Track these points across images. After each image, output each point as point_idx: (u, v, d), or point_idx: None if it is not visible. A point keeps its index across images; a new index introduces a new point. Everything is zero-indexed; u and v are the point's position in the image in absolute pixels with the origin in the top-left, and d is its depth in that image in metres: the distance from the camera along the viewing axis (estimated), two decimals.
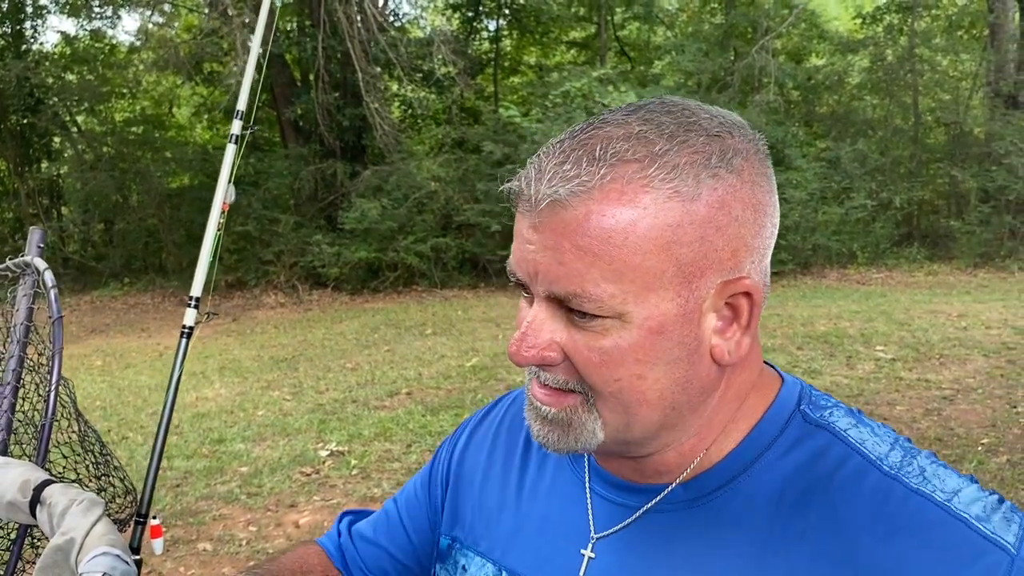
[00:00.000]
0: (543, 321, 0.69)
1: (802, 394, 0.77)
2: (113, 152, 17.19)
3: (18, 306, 1.40)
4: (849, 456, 0.71)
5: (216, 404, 6.70)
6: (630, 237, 0.64)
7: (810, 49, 18.46)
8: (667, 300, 0.66)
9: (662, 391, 0.69)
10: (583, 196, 0.64)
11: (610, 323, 0.66)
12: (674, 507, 0.76)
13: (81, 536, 1.05)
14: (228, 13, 13.00)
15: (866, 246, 14.10)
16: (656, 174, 0.64)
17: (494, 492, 0.92)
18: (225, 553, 3.96)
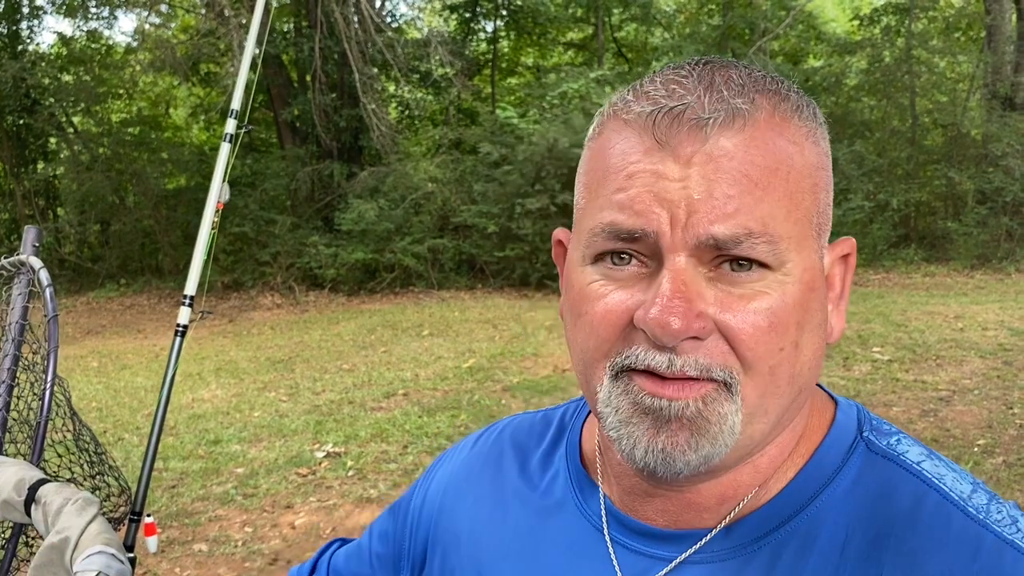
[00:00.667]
0: (693, 281, 0.56)
1: (861, 417, 0.67)
2: (109, 153, 17.16)
3: (13, 305, 1.39)
4: (926, 494, 0.60)
5: (212, 405, 6.68)
6: (798, 172, 0.57)
7: (808, 51, 18.51)
8: (813, 252, 0.58)
9: (808, 363, 0.59)
10: (760, 119, 0.56)
11: (770, 279, 0.56)
12: (718, 555, 0.63)
13: (76, 535, 1.05)
14: (225, 14, 12.99)
15: (863, 247, 14.11)
16: (800, 110, 0.59)
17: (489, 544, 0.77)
18: (221, 554, 3.95)
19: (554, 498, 0.74)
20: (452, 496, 0.83)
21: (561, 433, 0.79)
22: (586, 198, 0.61)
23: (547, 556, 0.72)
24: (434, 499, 0.85)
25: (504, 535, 0.76)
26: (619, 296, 0.57)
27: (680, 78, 0.58)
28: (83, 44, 18.41)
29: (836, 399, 0.69)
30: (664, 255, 0.55)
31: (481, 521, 0.78)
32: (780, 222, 0.55)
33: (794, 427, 0.64)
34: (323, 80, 13.77)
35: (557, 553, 0.71)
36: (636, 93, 0.60)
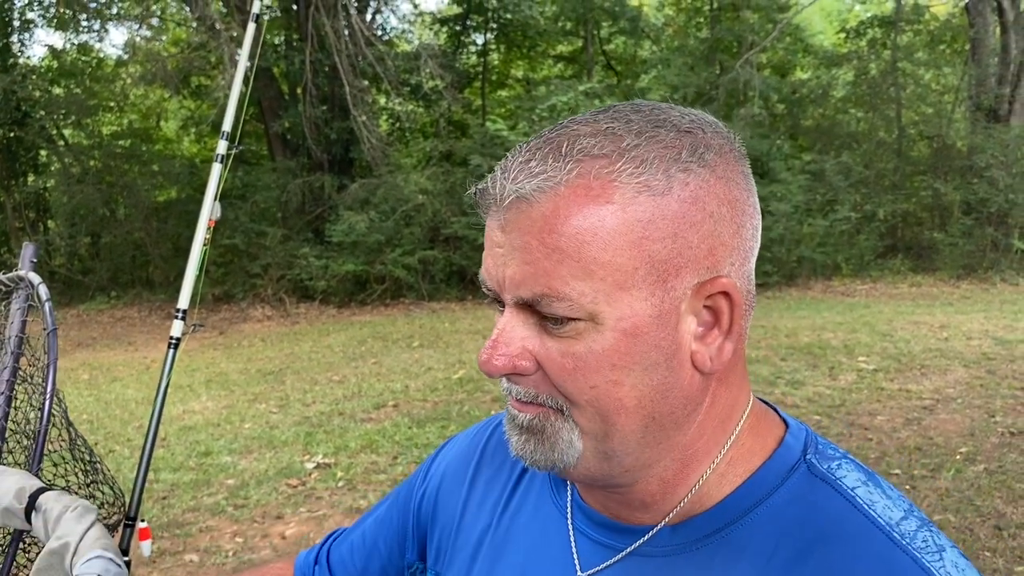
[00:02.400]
0: (514, 328, 0.65)
1: (808, 442, 0.72)
2: (100, 166, 17.16)
3: (12, 319, 1.44)
4: (854, 516, 0.65)
5: (203, 417, 6.71)
6: (599, 233, 0.61)
7: (795, 63, 18.68)
8: (641, 300, 0.63)
9: (640, 398, 0.64)
10: (549, 192, 0.62)
11: (583, 326, 0.63)
12: (660, 551, 0.70)
13: (76, 540, 1.10)
14: (216, 27, 13.06)
15: (850, 258, 14.25)
16: (624, 168, 0.62)
17: (476, 526, 0.87)
18: (211, 564, 3.98)
19: (536, 490, 0.83)
20: (450, 481, 0.92)
21: None
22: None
23: (523, 542, 0.80)
24: (435, 482, 0.94)
25: (494, 520, 0.84)
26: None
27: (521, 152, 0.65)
28: (74, 57, 18.44)
29: (788, 423, 0.74)
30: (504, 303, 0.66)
31: (473, 505, 0.88)
32: (578, 282, 0.61)
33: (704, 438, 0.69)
34: (314, 93, 13.83)
35: (532, 540, 0.79)
36: (500, 164, 0.68)
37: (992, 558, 3.77)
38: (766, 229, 13.32)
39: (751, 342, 8.57)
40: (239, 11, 13.92)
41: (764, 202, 13.84)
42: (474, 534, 0.86)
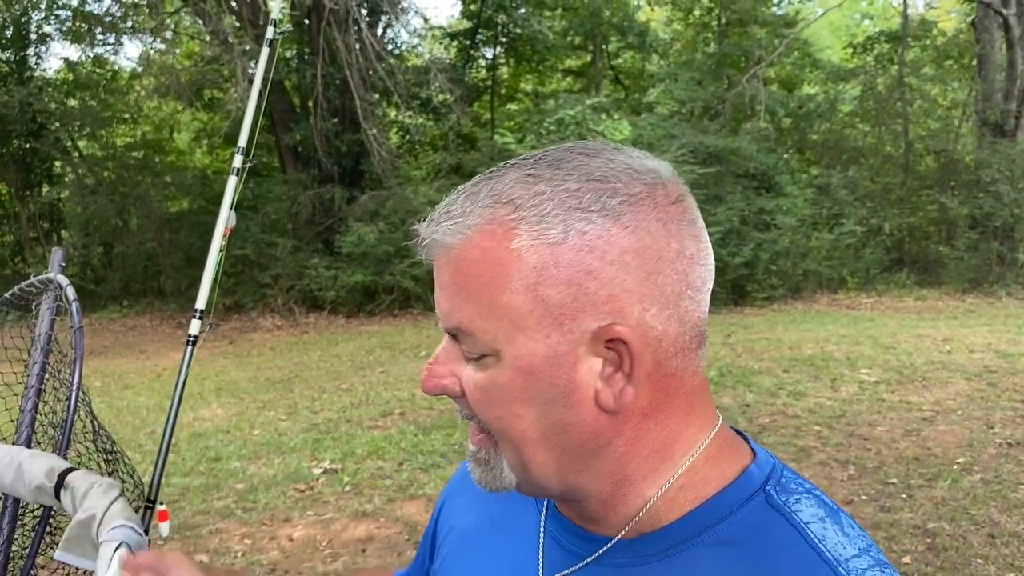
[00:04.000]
0: (447, 353, 0.71)
1: (772, 474, 0.72)
2: (113, 176, 17.40)
3: (42, 318, 1.56)
4: (802, 549, 0.66)
5: (213, 424, 6.83)
6: (497, 277, 0.65)
7: (802, 78, 18.80)
8: (536, 341, 0.65)
9: (543, 432, 0.68)
10: (460, 236, 0.66)
11: (490, 360, 0.67)
12: (618, 562, 0.72)
13: (101, 512, 1.21)
14: (228, 40, 13.27)
15: (856, 272, 14.30)
16: (526, 216, 0.64)
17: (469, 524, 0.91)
18: (221, 564, 4.09)
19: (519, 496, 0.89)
20: (451, 497, 0.98)
21: None
22: None
23: (503, 541, 0.85)
24: (441, 502, 1.00)
25: (479, 522, 0.89)
26: None
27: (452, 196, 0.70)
28: (89, 70, 18.71)
29: (757, 454, 0.74)
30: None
31: (467, 511, 0.93)
32: (482, 320, 0.66)
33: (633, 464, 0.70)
34: (325, 106, 14.02)
35: (512, 540, 0.83)
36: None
37: (984, 565, 3.84)
38: (772, 242, 13.40)
39: (755, 353, 8.65)
40: (252, 25, 14.14)
41: (770, 215, 13.93)
42: (460, 531, 0.92)
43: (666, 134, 14.64)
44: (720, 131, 15.27)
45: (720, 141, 14.73)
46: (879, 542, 4.04)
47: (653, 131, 14.76)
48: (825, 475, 5.04)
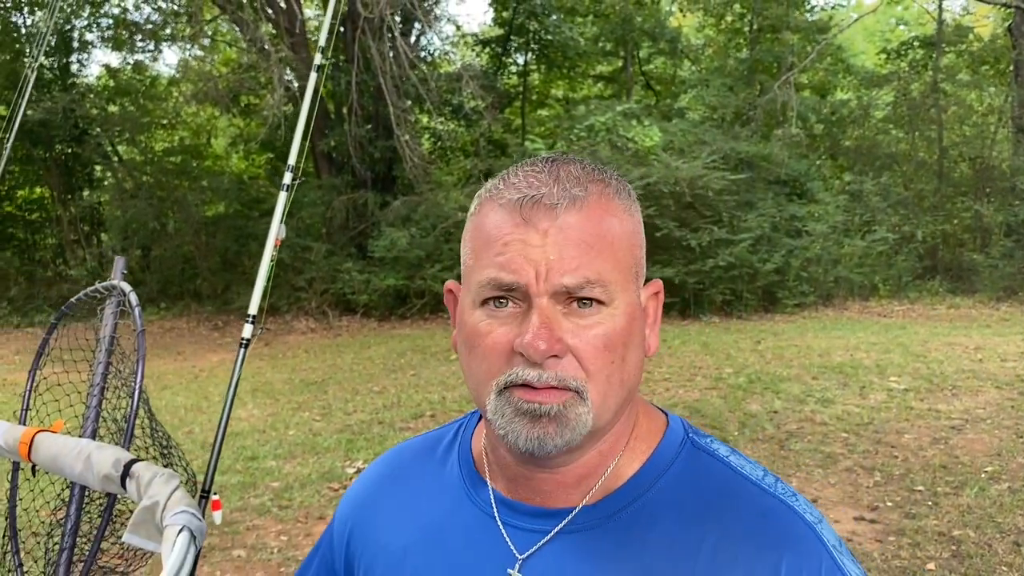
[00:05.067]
0: (555, 315, 0.74)
1: (686, 426, 0.88)
2: (152, 181, 17.75)
3: (106, 321, 1.70)
4: (731, 477, 0.82)
5: (249, 424, 7.01)
6: (620, 238, 0.77)
7: (835, 83, 18.70)
8: (633, 292, 0.78)
9: (633, 372, 0.79)
10: (591, 201, 0.76)
11: (604, 312, 0.75)
12: (583, 526, 0.81)
13: (164, 499, 1.34)
14: (265, 48, 13.53)
15: (888, 279, 14.22)
16: (613, 194, 0.78)
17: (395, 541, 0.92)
18: (258, 560, 4.23)
19: (450, 496, 0.91)
20: (361, 518, 0.97)
21: (452, 443, 0.96)
22: (473, 259, 0.80)
23: (450, 544, 0.87)
24: (342, 529, 1.00)
25: (414, 534, 0.91)
26: (501, 331, 0.76)
27: (536, 173, 0.78)
28: (129, 76, 19.12)
29: (666, 413, 0.89)
30: (532, 299, 0.74)
31: (393, 528, 0.93)
32: (608, 272, 0.75)
33: (626, 422, 0.83)
34: (359, 113, 14.23)
35: (458, 540, 0.87)
36: (505, 183, 0.79)
37: (1009, 572, 3.87)
38: (803, 249, 13.38)
39: (783, 360, 8.68)
40: (288, 33, 14.40)
41: (801, 222, 13.90)
42: (396, 551, 0.91)
43: (697, 140, 14.66)
44: (751, 137, 15.27)
45: (751, 147, 14.73)
46: (903, 548, 4.10)
47: (684, 137, 14.80)
48: (851, 481, 5.08)
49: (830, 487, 4.99)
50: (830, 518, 4.49)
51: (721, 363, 8.67)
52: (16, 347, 12.66)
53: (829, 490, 4.94)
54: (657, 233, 13.00)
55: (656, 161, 13.32)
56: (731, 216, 13.40)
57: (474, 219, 0.82)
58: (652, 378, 8.08)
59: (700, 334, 11.05)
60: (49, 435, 1.58)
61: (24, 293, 16.40)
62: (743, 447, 5.79)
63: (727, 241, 12.94)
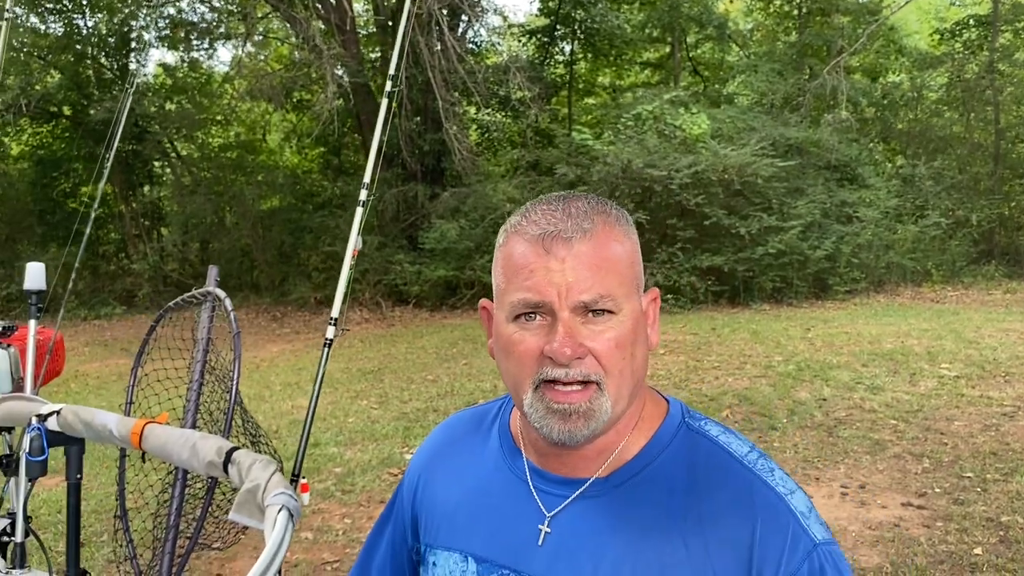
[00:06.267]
0: (575, 325, 0.92)
1: (684, 411, 1.05)
2: (209, 176, 18.22)
3: (202, 324, 1.90)
4: (719, 454, 0.99)
5: None
6: (622, 258, 0.95)
7: (887, 65, 18.39)
8: (635, 300, 0.96)
9: (640, 365, 0.97)
10: (597, 231, 0.94)
11: (614, 320, 0.92)
12: (600, 492, 1.00)
13: (264, 482, 1.52)
14: (317, 45, 13.81)
15: (941, 264, 14.03)
16: (615, 222, 0.96)
17: (449, 497, 1.13)
18: (324, 541, 4.47)
19: (493, 463, 1.11)
20: (425, 476, 1.19)
21: (495, 420, 1.17)
22: (504, 283, 0.97)
23: (492, 502, 1.07)
24: (411, 484, 1.21)
25: (464, 493, 1.11)
26: (532, 339, 0.93)
27: (552, 210, 0.95)
28: (185, 73, 19.63)
29: (668, 399, 1.06)
30: (556, 313, 0.92)
31: (447, 487, 1.14)
32: (615, 287, 0.93)
33: (636, 406, 1.01)
34: (408, 106, 14.45)
35: (499, 499, 1.07)
36: (527, 220, 0.96)
37: None
38: (854, 235, 13.27)
39: (833, 348, 8.69)
40: (339, 31, 14.67)
41: (852, 208, 13.78)
42: (450, 505, 1.12)
43: (746, 126, 14.61)
44: (801, 123, 15.14)
45: (801, 133, 14.61)
46: (951, 534, 4.16)
47: (732, 123, 14.74)
48: (899, 468, 5.14)
49: (878, 473, 5.06)
50: (877, 504, 4.58)
51: (771, 351, 8.72)
52: (85, 339, 13.19)
53: (877, 476, 5.01)
54: (706, 221, 13.01)
55: (704, 149, 13.32)
56: (781, 203, 13.35)
57: (503, 250, 1.00)
58: (701, 366, 8.17)
59: (750, 322, 11.07)
60: (157, 426, 1.79)
61: (90, 287, 17.02)
62: (791, 434, 5.88)
63: (777, 228, 12.90)
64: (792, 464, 5.27)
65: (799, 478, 5.02)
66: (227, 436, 1.75)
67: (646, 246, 13.05)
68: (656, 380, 7.69)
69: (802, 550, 0.92)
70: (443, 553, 1.11)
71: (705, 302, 12.91)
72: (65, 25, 17.88)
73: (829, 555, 0.93)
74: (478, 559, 1.06)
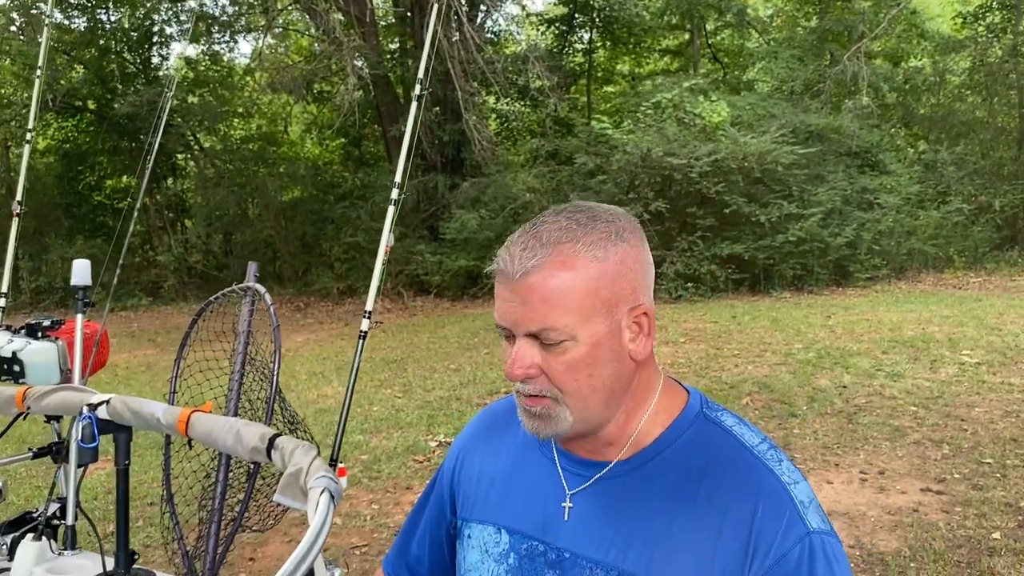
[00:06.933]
0: (526, 350, 1.02)
1: (703, 402, 1.13)
2: (232, 168, 18.38)
3: (243, 317, 2.00)
4: (731, 443, 1.07)
5: (335, 400, 7.41)
6: (573, 288, 0.99)
7: (909, 50, 18.24)
8: (599, 324, 1.01)
9: (604, 383, 1.03)
10: (540, 267, 0.99)
11: (568, 344, 1.00)
12: (621, 474, 1.09)
13: (306, 466, 1.62)
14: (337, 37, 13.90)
15: (964, 250, 13.95)
16: (581, 248, 1.00)
17: (484, 475, 1.24)
18: (353, 526, 4.59)
19: (525, 445, 1.21)
20: (464, 455, 1.30)
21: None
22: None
23: (524, 479, 1.18)
24: (452, 464, 1.33)
25: (499, 471, 1.22)
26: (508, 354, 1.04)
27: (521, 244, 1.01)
28: (206, 66, 19.79)
29: (689, 390, 1.15)
30: (516, 338, 1.03)
31: (483, 466, 1.25)
32: (562, 316, 0.99)
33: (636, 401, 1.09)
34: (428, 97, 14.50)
35: (529, 477, 1.18)
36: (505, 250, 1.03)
37: None
38: (875, 222, 13.23)
39: (854, 335, 8.71)
40: (359, 22, 14.76)
41: (873, 195, 13.72)
42: (485, 481, 1.23)
43: (766, 114, 14.56)
44: (821, 109, 15.07)
45: (821, 119, 14.55)
46: (969, 519, 4.21)
47: (752, 111, 14.70)
48: (919, 454, 5.18)
49: (897, 459, 5.11)
50: (896, 489, 4.64)
51: (791, 338, 8.75)
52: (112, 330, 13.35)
53: (896, 462, 5.06)
54: (726, 209, 13.01)
55: (724, 136, 13.31)
56: (801, 190, 13.32)
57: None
58: (721, 354, 8.22)
59: (770, 310, 11.09)
60: (202, 414, 1.89)
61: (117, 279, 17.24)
62: (811, 421, 5.93)
63: (797, 216, 12.89)
64: (812, 451, 5.33)
65: (818, 464, 5.09)
66: (268, 423, 1.85)
67: (665, 235, 13.08)
68: (676, 368, 7.76)
69: (795, 535, 0.99)
70: (478, 526, 1.21)
71: (725, 290, 12.92)
72: (89, 20, 18.08)
73: (821, 543, 0.99)
74: (510, 531, 1.16)
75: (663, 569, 1.03)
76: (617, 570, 1.05)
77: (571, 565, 1.09)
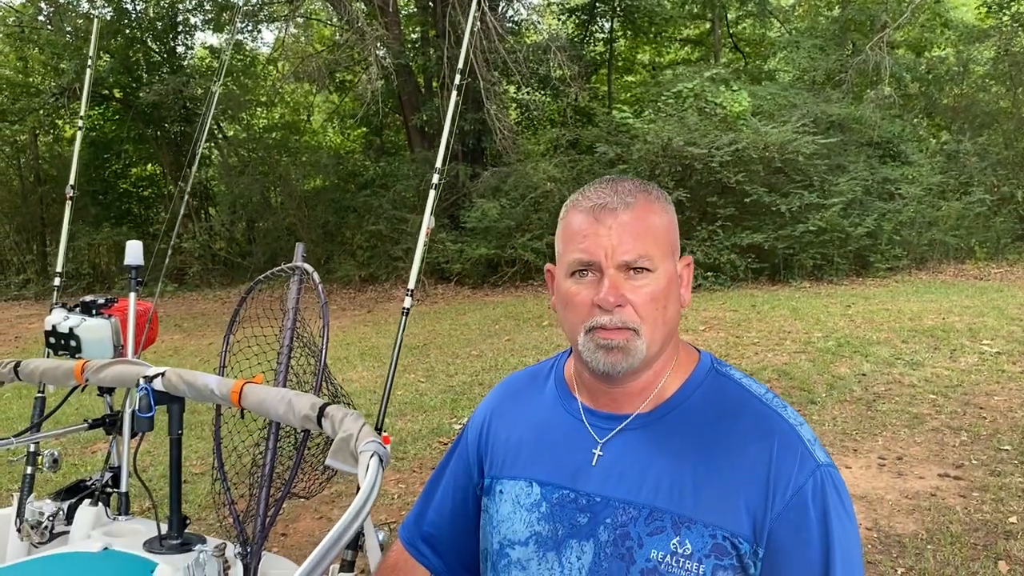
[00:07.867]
0: (619, 280, 1.13)
1: (712, 360, 1.26)
2: (256, 157, 18.56)
3: (291, 295, 2.11)
4: (742, 393, 1.21)
5: (360, 385, 7.55)
6: (660, 227, 1.16)
7: (932, 40, 18.10)
8: (670, 263, 1.16)
9: (669, 318, 1.16)
10: (638, 204, 1.15)
11: (651, 277, 1.13)
12: (643, 424, 1.20)
13: (356, 432, 1.73)
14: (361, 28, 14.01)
15: (985, 241, 13.89)
16: (658, 199, 1.18)
17: (512, 436, 1.34)
18: (381, 504, 4.72)
19: (550, 406, 1.32)
20: (491, 420, 1.40)
21: (550, 373, 1.38)
22: (563, 246, 1.19)
23: (552, 436, 1.28)
24: (476, 431, 1.43)
25: (526, 432, 1.32)
26: (585, 292, 1.14)
27: (603, 189, 1.17)
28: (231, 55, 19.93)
29: (700, 351, 1.28)
30: (604, 270, 1.13)
31: (512, 428, 1.35)
32: (652, 250, 1.13)
33: (670, 353, 1.22)
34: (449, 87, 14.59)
35: (557, 434, 1.28)
36: (583, 196, 1.18)
37: None
38: (896, 212, 13.20)
39: (873, 324, 8.75)
40: (381, 12, 14.85)
41: (894, 185, 13.69)
42: (512, 443, 1.33)
43: (787, 103, 14.54)
44: (843, 99, 15.03)
45: (843, 109, 14.51)
46: (986, 503, 4.28)
47: (773, 100, 14.69)
48: (937, 441, 5.24)
49: (916, 446, 5.18)
50: (914, 474, 4.71)
51: (810, 327, 8.80)
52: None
53: (915, 448, 5.13)
54: (746, 199, 13.03)
55: (745, 126, 13.31)
56: (822, 180, 13.31)
57: (563, 220, 1.21)
58: (741, 343, 8.29)
59: (790, 299, 11.13)
60: (254, 385, 2.01)
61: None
62: (830, 408, 6.00)
63: (818, 206, 12.89)
64: (831, 436, 5.41)
65: (837, 450, 5.16)
66: (317, 393, 1.97)
67: (686, 223, 13.12)
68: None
69: (808, 468, 1.12)
70: (509, 482, 1.31)
71: (745, 280, 12.96)
72: (115, 9, 18.28)
73: (829, 475, 1.13)
74: (541, 483, 1.26)
75: (692, 506, 1.13)
76: (649, 508, 1.15)
77: (602, 507, 1.19)
